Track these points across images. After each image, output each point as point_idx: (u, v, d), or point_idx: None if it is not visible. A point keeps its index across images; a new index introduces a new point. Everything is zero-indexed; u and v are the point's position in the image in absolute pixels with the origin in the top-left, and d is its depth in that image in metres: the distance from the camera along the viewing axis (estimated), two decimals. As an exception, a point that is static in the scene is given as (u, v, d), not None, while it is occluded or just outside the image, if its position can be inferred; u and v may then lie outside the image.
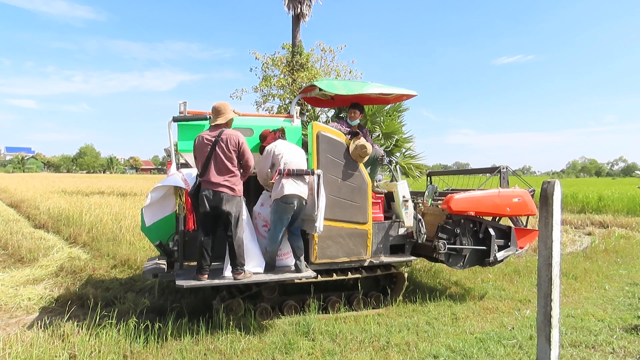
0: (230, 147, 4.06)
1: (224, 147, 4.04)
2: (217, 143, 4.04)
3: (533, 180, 16.26)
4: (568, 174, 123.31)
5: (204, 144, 4.07)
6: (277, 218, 4.29)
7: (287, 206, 4.23)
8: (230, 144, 4.06)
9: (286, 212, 4.26)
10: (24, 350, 3.50)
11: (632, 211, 15.02)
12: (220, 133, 4.08)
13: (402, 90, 5.51)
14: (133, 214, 10.89)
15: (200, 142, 4.09)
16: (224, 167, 4.05)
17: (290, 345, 3.84)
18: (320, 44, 13.94)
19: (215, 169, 4.02)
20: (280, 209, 4.26)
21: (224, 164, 4.04)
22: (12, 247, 7.87)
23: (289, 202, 4.22)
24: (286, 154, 4.35)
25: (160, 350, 3.71)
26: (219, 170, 4.04)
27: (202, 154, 4.06)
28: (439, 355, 3.70)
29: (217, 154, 4.03)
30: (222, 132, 4.09)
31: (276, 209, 4.29)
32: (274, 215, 4.33)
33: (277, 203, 4.27)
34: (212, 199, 3.99)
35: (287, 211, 4.25)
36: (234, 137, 4.10)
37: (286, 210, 4.25)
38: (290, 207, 4.24)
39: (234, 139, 4.09)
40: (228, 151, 4.05)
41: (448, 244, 5.11)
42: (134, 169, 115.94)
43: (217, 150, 4.03)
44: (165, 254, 4.50)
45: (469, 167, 59.52)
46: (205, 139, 4.09)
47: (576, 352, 3.79)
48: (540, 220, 2.85)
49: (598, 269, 7.06)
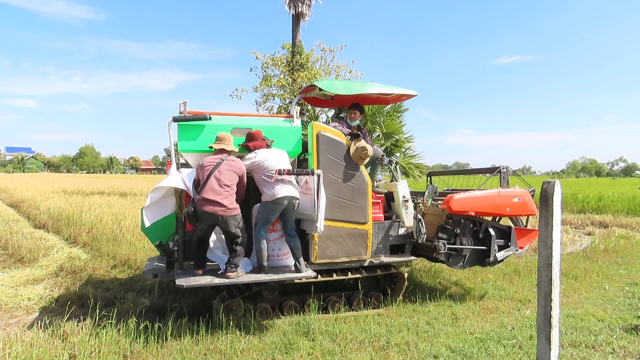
0: (234, 170, 4.26)
1: (228, 168, 4.22)
2: (221, 164, 4.21)
3: (533, 180, 16.27)
4: (568, 174, 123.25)
5: (209, 162, 4.23)
6: (265, 217, 4.39)
7: (276, 206, 4.34)
8: (234, 167, 4.27)
9: (274, 212, 4.37)
10: (24, 350, 3.50)
11: (632, 211, 15.02)
12: (226, 157, 4.29)
13: (402, 90, 5.51)
14: (133, 214, 10.90)
15: (205, 162, 4.25)
16: (224, 186, 4.17)
17: (290, 345, 3.84)
18: (320, 44, 13.93)
19: (215, 187, 4.14)
20: (269, 209, 4.36)
21: (224, 183, 4.18)
22: (12, 247, 7.88)
23: (279, 203, 4.32)
24: (271, 159, 4.41)
25: (160, 350, 3.72)
26: (219, 188, 4.15)
27: (204, 172, 4.20)
28: (439, 355, 3.70)
29: (221, 172, 4.18)
30: (228, 156, 4.32)
31: (265, 209, 4.39)
32: (261, 214, 4.42)
33: (266, 203, 4.37)
34: (208, 218, 4.15)
35: (276, 211, 4.37)
36: (240, 163, 4.36)
37: (274, 210, 4.36)
38: (279, 207, 4.35)
39: (240, 164, 4.35)
40: (231, 173, 4.23)
41: (448, 244, 5.11)
42: (134, 169, 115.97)
43: (221, 169, 4.19)
44: (165, 254, 4.51)
45: (469, 167, 59.61)
46: (210, 160, 4.27)
47: (576, 352, 3.79)
48: (540, 220, 2.85)
49: (598, 269, 7.06)
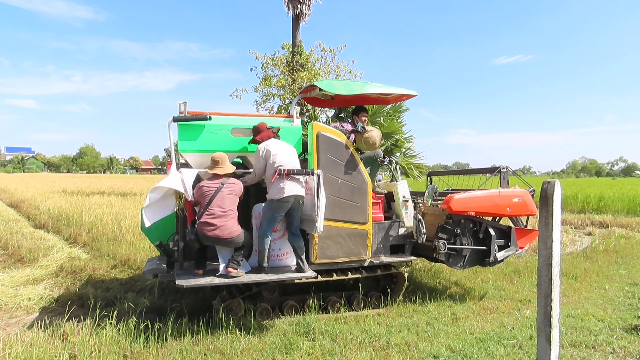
0: (235, 194, 4.31)
1: (230, 193, 4.26)
2: (222, 189, 4.23)
3: (533, 180, 16.27)
4: (568, 174, 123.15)
5: (209, 188, 4.23)
6: (270, 215, 4.34)
7: (282, 204, 4.29)
8: (235, 191, 4.32)
9: (280, 210, 4.32)
10: (24, 350, 3.50)
11: (632, 211, 15.02)
12: (225, 181, 4.30)
13: (402, 90, 5.51)
14: (133, 214, 10.90)
15: (203, 188, 4.24)
16: (228, 211, 4.20)
17: (290, 345, 3.84)
18: (320, 44, 13.92)
19: (217, 212, 4.15)
20: (275, 207, 4.31)
21: (227, 208, 4.20)
22: (12, 247, 7.88)
23: (285, 201, 4.27)
24: (280, 154, 4.38)
25: (160, 350, 3.72)
26: (222, 212, 4.16)
27: (205, 197, 4.20)
28: (439, 355, 3.70)
29: (223, 197, 4.21)
30: (228, 179, 4.33)
31: (270, 207, 4.34)
32: (267, 212, 4.37)
33: (272, 201, 4.31)
34: (212, 241, 4.18)
35: (282, 209, 4.32)
36: (239, 185, 4.41)
37: (280, 208, 4.31)
38: (286, 205, 4.30)
39: (240, 187, 4.40)
40: (233, 197, 4.28)
41: (448, 244, 5.11)
42: (134, 169, 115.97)
43: (223, 194, 4.21)
44: (165, 254, 4.51)
45: (469, 167, 59.58)
46: (208, 185, 4.26)
47: (576, 352, 3.79)
48: (540, 220, 2.85)
49: (598, 269, 7.06)
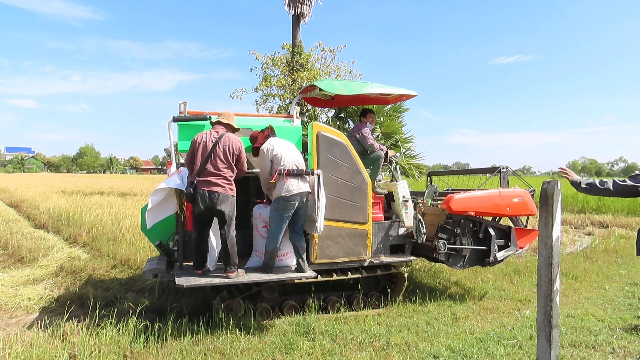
0: (231, 150, 4.20)
1: (224, 149, 4.17)
2: (217, 144, 4.16)
3: (533, 180, 16.26)
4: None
5: (209, 139, 4.19)
6: (278, 216, 4.30)
7: (289, 204, 4.26)
8: (231, 147, 4.20)
9: (287, 210, 4.28)
10: (24, 350, 3.50)
11: (632, 211, 15.01)
12: (222, 135, 4.22)
13: (402, 90, 5.52)
14: (133, 214, 10.90)
15: (204, 139, 4.20)
16: (221, 167, 4.15)
17: (290, 345, 3.84)
18: (320, 44, 13.96)
19: (212, 168, 4.12)
20: (282, 207, 4.27)
21: (222, 164, 4.15)
22: (12, 247, 7.87)
23: (292, 200, 4.25)
24: (284, 153, 4.37)
25: (160, 350, 3.71)
26: (216, 170, 4.13)
27: (204, 150, 4.15)
28: (439, 355, 3.70)
29: (217, 153, 4.14)
30: (224, 135, 4.24)
31: (277, 207, 4.29)
32: (274, 213, 4.32)
33: (279, 201, 4.27)
34: (207, 198, 4.08)
35: (289, 209, 4.28)
36: (236, 141, 4.28)
37: (287, 207, 4.27)
38: (292, 204, 4.27)
39: (236, 143, 4.26)
40: (227, 153, 4.18)
41: (448, 244, 5.11)
42: (134, 169, 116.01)
43: (217, 150, 4.15)
44: (165, 254, 4.51)
45: (469, 167, 59.64)
46: (208, 137, 4.21)
47: (576, 352, 3.79)
48: (540, 220, 2.85)
49: (598, 269, 7.06)
